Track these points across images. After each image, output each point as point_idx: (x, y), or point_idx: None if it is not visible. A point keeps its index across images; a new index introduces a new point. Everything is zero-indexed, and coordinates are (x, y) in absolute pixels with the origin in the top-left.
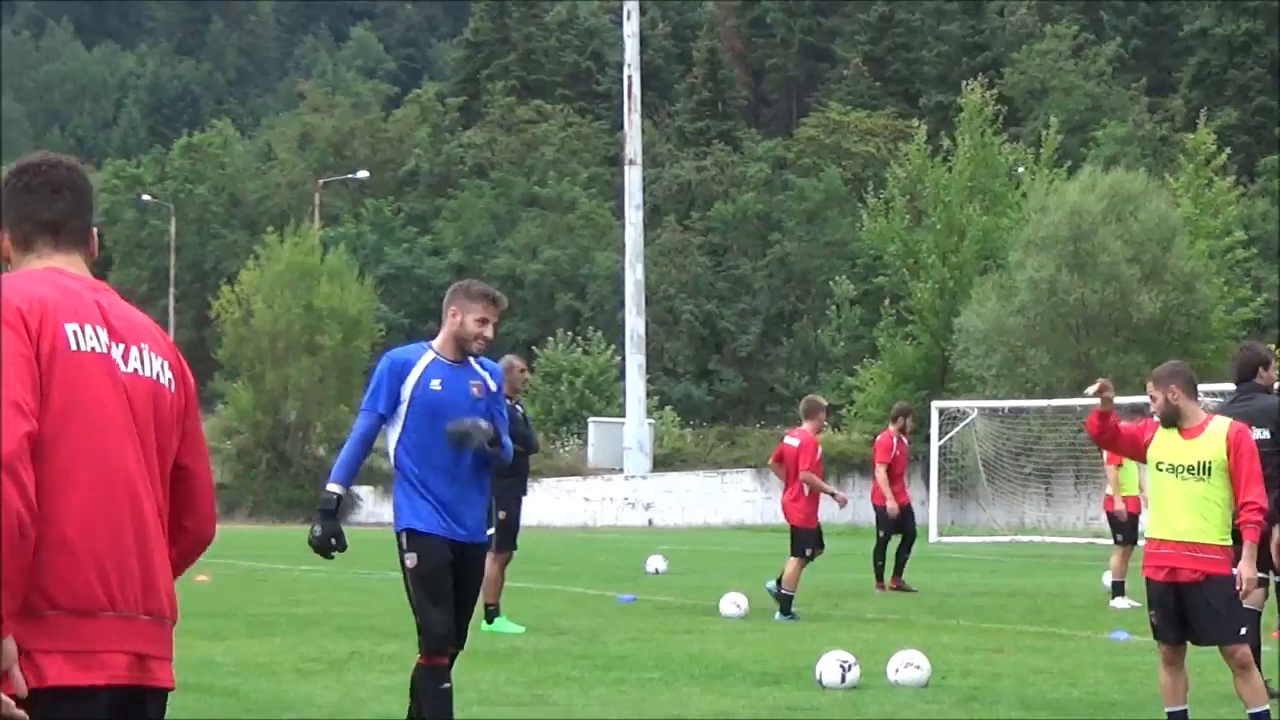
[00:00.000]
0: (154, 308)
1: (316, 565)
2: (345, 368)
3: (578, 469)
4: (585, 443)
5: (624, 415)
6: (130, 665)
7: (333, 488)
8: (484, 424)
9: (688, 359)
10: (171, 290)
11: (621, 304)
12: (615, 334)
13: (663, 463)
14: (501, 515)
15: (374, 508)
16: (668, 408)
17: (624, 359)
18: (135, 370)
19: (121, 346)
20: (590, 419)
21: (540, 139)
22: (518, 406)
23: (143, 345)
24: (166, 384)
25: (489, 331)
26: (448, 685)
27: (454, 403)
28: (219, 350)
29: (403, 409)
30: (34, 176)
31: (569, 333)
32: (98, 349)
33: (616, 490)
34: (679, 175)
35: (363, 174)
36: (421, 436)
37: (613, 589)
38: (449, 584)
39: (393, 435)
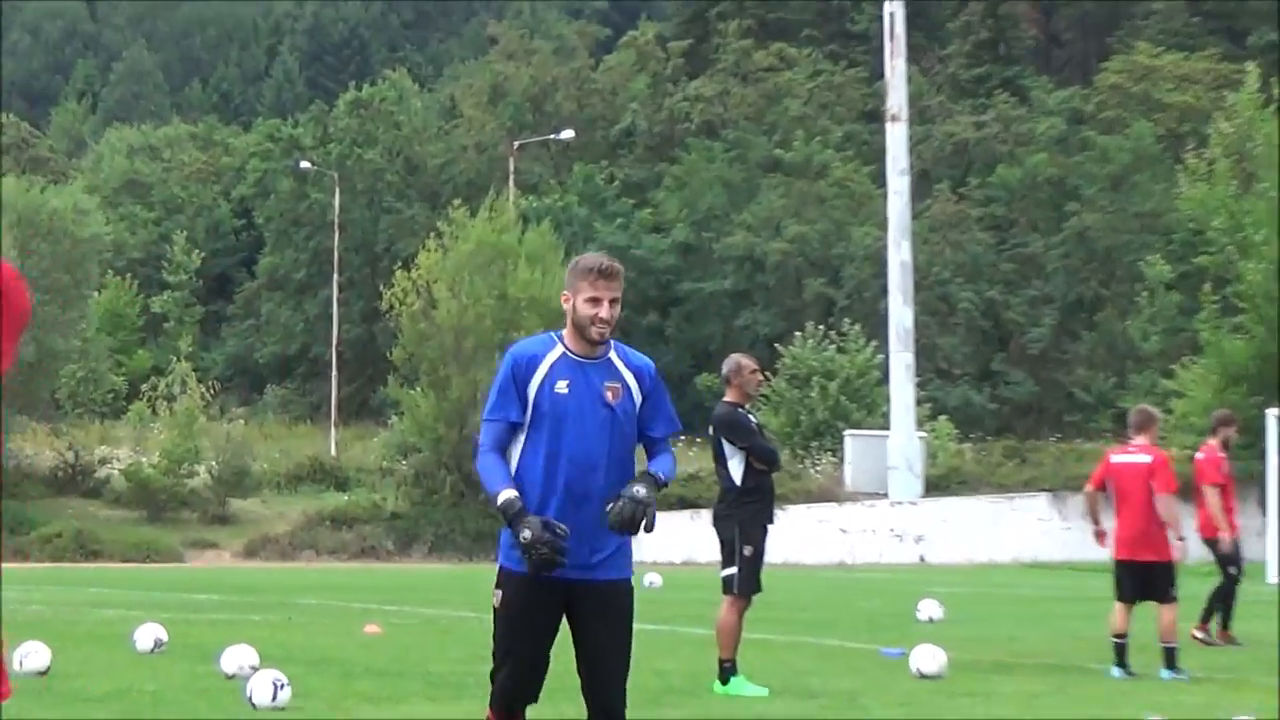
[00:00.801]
0: (313, 297)
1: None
2: None
3: (832, 493)
4: (841, 461)
5: (888, 427)
6: None
7: (507, 492)
8: (641, 491)
9: (966, 358)
10: (335, 277)
11: (884, 291)
12: (877, 327)
13: (936, 485)
14: (747, 550)
15: None
16: (942, 418)
17: (888, 358)
18: None
19: None
20: (847, 432)
21: (783, 90)
22: (751, 415)
23: None
24: None
25: (604, 311)
26: None
27: (581, 411)
28: (393, 350)
29: (527, 417)
30: None
31: (820, 326)
32: None
33: (880, 519)
34: (953, 133)
35: (567, 134)
36: (545, 451)
37: (876, 641)
38: (541, 636)
39: (514, 449)
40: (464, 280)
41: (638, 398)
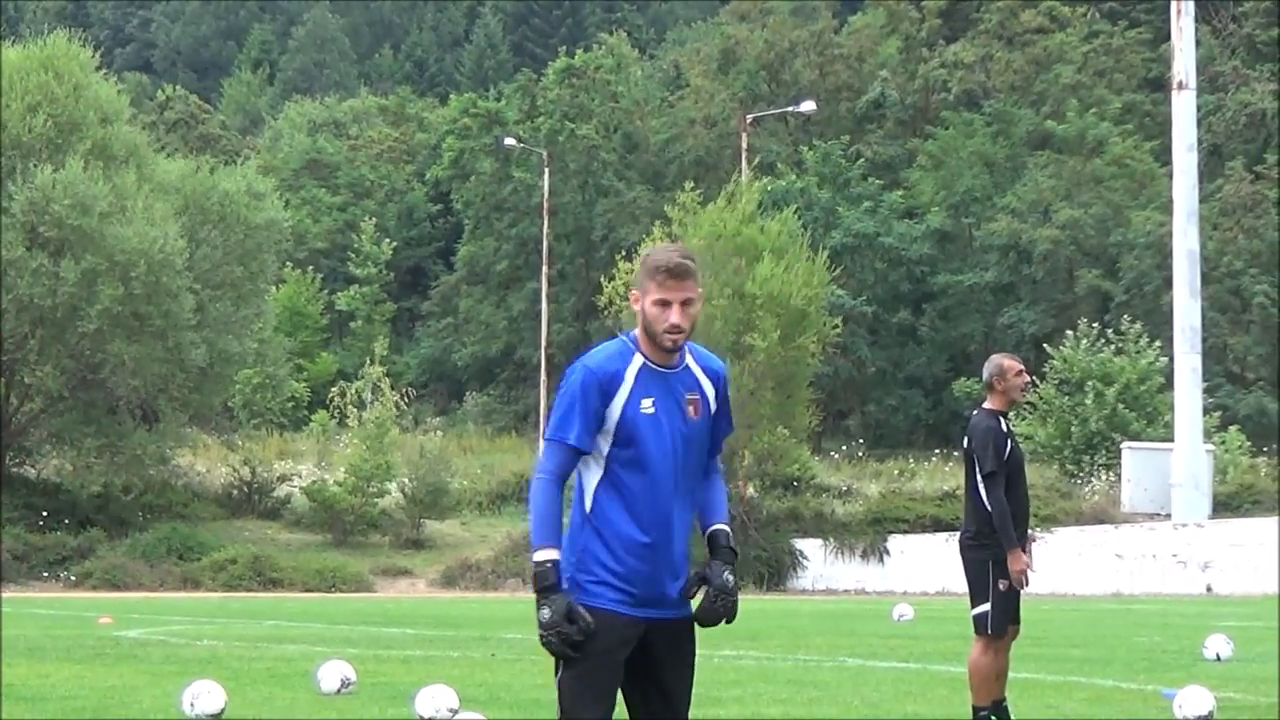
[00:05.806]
0: (519, 292)
1: (743, 650)
2: (784, 378)
3: (1107, 513)
4: (1118, 478)
5: (1172, 439)
6: None
7: (546, 554)
8: (730, 579)
9: (1261, 360)
10: (544, 269)
11: (1168, 284)
12: (1160, 326)
13: (1227, 505)
14: (1003, 585)
15: (824, 569)
16: (1233, 428)
17: (1172, 361)
18: None
19: None
20: (1125, 445)
21: (1053, 55)
22: (1009, 427)
23: None
24: None
25: (674, 316)
26: None
27: (666, 432)
28: None
29: (606, 441)
30: None
31: (1095, 324)
32: None
33: (1161, 543)
34: (1249, 103)
35: (807, 106)
36: (629, 480)
37: (1155, 681)
38: (618, 682)
39: (591, 477)
40: None
41: (713, 407)
